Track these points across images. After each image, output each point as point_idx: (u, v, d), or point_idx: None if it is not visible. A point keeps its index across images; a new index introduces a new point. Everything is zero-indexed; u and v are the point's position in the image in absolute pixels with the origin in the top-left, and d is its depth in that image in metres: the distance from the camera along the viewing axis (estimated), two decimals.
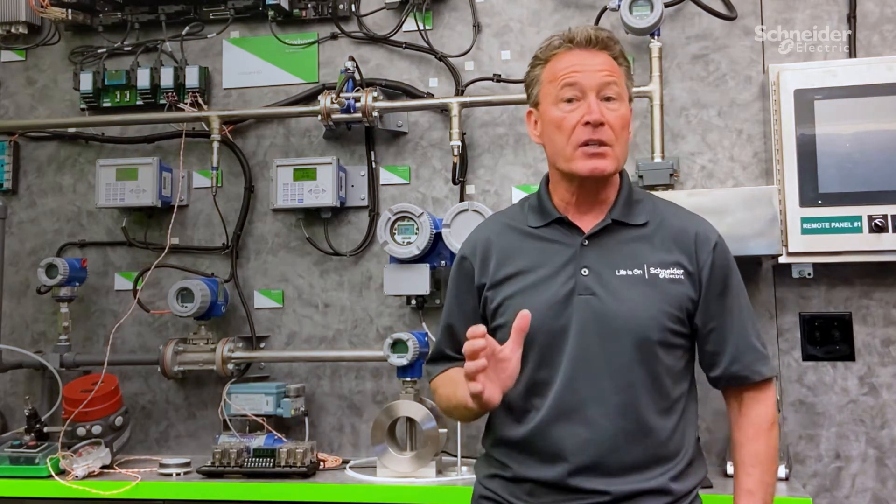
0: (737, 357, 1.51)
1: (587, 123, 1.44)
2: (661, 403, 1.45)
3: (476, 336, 1.27)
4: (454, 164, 2.50)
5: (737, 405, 1.55)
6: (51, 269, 2.59)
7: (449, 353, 1.63)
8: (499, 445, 1.53)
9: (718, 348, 1.51)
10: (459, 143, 2.48)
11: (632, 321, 1.44)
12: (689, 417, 1.51)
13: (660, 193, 2.04)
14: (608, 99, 1.47)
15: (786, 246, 2.20)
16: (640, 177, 2.30)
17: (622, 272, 1.47)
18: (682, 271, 1.48)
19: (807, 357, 2.36)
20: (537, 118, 1.55)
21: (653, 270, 1.47)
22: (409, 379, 2.32)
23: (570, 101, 1.47)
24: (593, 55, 1.48)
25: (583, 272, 1.47)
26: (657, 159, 2.37)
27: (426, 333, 2.45)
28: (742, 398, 1.54)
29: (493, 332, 1.54)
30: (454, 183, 2.56)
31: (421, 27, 2.62)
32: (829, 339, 2.35)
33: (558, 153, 1.49)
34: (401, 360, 2.29)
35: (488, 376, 1.30)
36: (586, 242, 1.50)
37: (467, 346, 1.28)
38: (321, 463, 2.38)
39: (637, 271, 1.47)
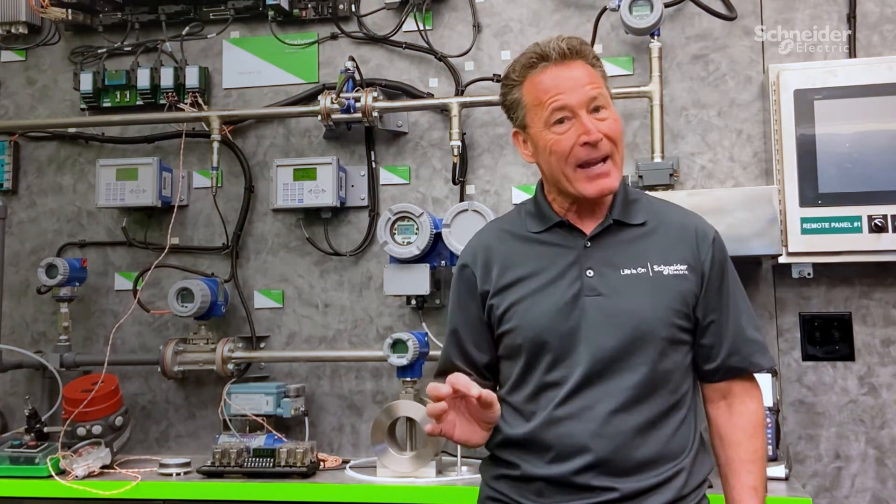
0: (735, 349, 1.51)
1: (585, 144, 1.44)
2: (670, 399, 1.46)
3: (439, 397, 1.37)
4: (454, 164, 2.50)
5: (725, 402, 1.54)
6: (51, 269, 2.58)
7: (457, 363, 1.62)
8: (506, 445, 1.52)
9: (716, 341, 1.51)
10: (459, 143, 2.48)
11: (639, 319, 1.44)
12: (694, 412, 1.51)
13: (660, 193, 2.05)
14: (597, 109, 1.46)
15: (786, 246, 2.20)
16: (640, 177, 2.30)
17: (627, 271, 1.47)
18: (685, 267, 1.48)
19: (807, 357, 2.36)
20: (526, 139, 1.54)
21: (657, 268, 1.48)
22: (409, 379, 2.32)
23: (560, 121, 1.45)
24: (570, 68, 1.46)
25: (588, 273, 1.47)
26: (657, 159, 2.37)
27: (426, 333, 2.45)
28: (732, 392, 1.53)
29: (499, 337, 1.54)
30: (454, 183, 2.56)
31: (421, 27, 2.62)
32: (828, 339, 2.35)
33: (559, 177, 1.48)
34: (401, 360, 2.29)
35: (468, 419, 1.41)
36: (589, 244, 1.50)
37: (431, 392, 1.38)
38: (321, 463, 2.38)
39: (641, 270, 1.47)
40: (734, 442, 1.51)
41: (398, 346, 2.30)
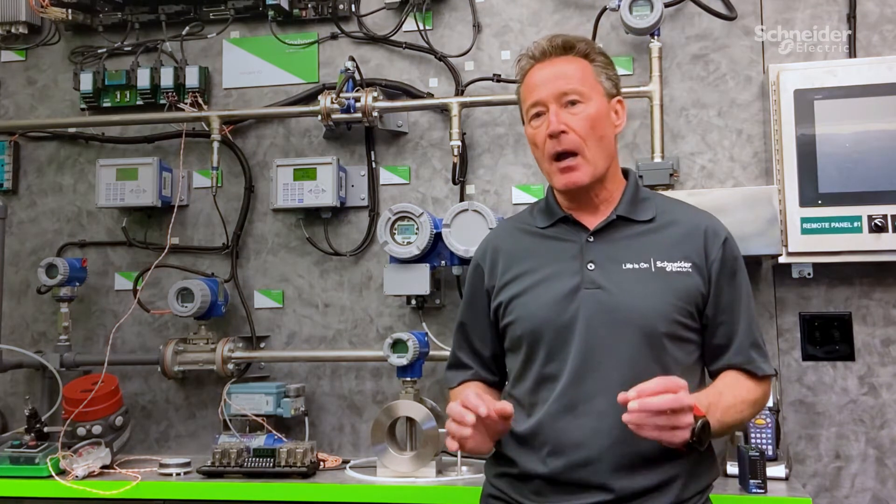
0: (741, 351, 1.51)
1: (550, 136, 1.48)
2: None
3: (465, 423, 1.35)
4: (454, 164, 2.50)
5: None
6: (51, 269, 2.59)
7: (464, 357, 1.68)
8: (507, 440, 1.53)
9: (726, 342, 1.51)
10: (459, 143, 2.48)
11: (638, 313, 1.44)
12: None
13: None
14: (572, 103, 1.49)
15: (786, 246, 2.20)
16: (640, 176, 2.30)
17: (628, 266, 1.48)
18: (689, 264, 1.48)
19: (807, 357, 2.36)
20: None
21: (659, 264, 1.48)
22: (409, 379, 2.32)
23: (538, 116, 1.52)
24: (552, 64, 1.53)
25: (589, 267, 1.48)
26: (657, 159, 2.37)
27: (426, 333, 2.45)
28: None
29: (503, 330, 1.57)
30: (454, 183, 2.56)
31: (421, 27, 2.62)
32: (829, 339, 2.35)
33: (542, 169, 1.56)
34: (401, 360, 2.28)
35: (480, 430, 1.38)
36: (591, 238, 1.52)
37: (457, 417, 1.36)
38: (321, 463, 2.38)
39: (644, 265, 1.48)
40: (722, 381, 1.51)
41: (398, 346, 2.30)
